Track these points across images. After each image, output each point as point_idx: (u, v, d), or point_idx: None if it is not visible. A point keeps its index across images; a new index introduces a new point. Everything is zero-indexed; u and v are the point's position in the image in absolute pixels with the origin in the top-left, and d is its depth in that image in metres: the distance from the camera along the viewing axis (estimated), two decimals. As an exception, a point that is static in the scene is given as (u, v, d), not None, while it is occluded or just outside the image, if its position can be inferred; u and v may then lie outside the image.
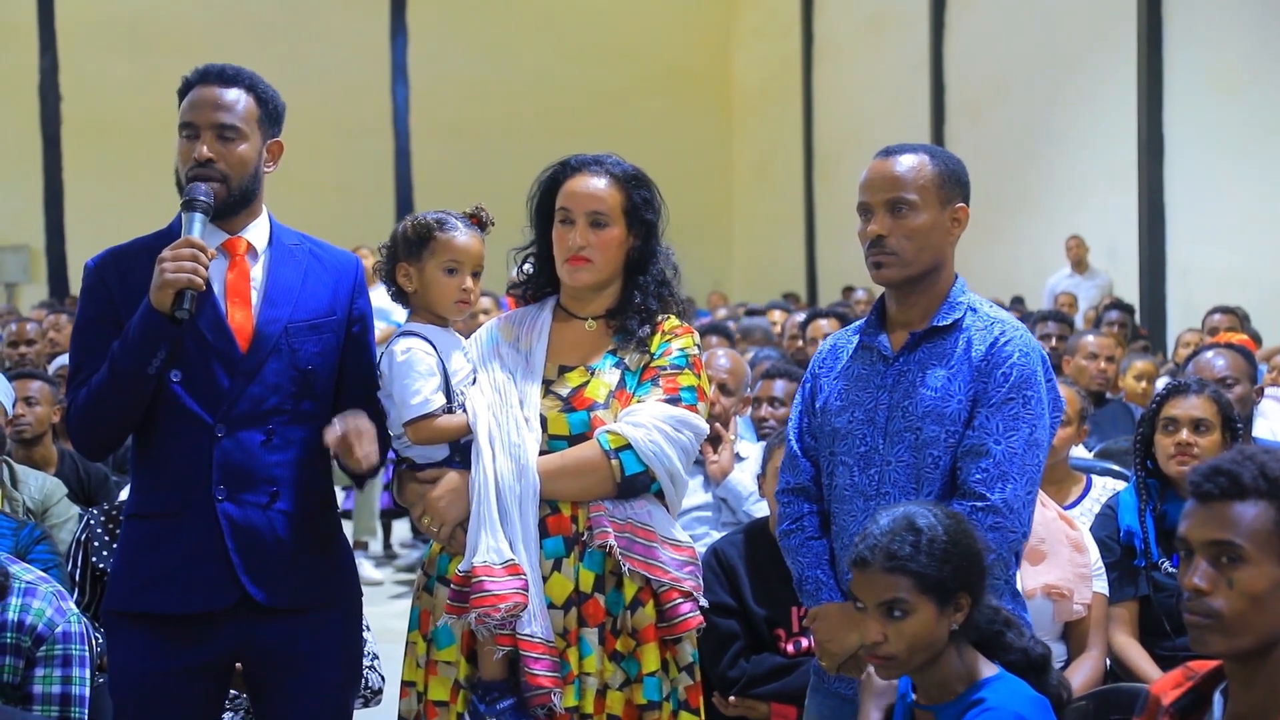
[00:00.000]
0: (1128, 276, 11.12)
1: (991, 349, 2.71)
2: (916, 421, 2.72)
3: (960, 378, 2.71)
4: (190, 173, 2.76)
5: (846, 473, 2.80)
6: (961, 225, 2.79)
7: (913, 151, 2.79)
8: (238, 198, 2.81)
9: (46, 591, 3.11)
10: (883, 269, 2.78)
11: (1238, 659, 2.00)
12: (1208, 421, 3.72)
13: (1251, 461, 2.00)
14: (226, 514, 2.75)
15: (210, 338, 2.75)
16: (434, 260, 2.93)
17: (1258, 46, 9.94)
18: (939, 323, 2.76)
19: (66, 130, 15.39)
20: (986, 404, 2.68)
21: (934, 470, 2.71)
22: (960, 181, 2.79)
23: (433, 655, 2.89)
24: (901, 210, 2.74)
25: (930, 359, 2.75)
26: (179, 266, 2.63)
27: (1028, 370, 2.69)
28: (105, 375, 2.72)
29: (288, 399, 2.80)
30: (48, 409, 4.88)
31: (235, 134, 2.78)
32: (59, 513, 4.43)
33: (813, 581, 2.85)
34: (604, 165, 2.96)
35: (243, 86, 2.81)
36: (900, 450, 2.74)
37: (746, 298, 14.96)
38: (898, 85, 14.90)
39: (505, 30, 17.20)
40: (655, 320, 2.97)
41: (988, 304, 2.83)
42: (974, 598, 2.39)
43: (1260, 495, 1.97)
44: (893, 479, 2.74)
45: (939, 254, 2.77)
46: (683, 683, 2.91)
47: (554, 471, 2.81)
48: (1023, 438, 2.66)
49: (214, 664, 2.81)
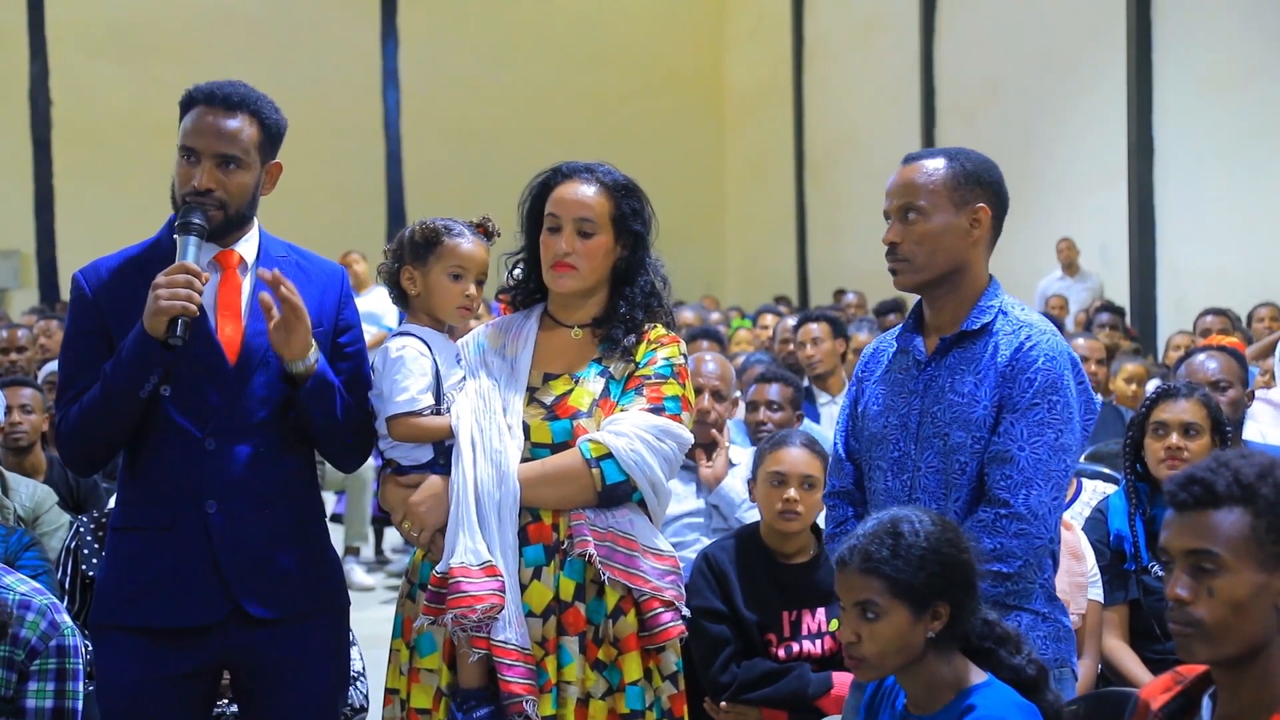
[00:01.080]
0: (1118, 278, 11.13)
1: (1017, 353, 2.69)
2: (945, 427, 2.72)
3: (987, 383, 2.70)
4: (187, 198, 2.75)
5: (882, 477, 2.81)
6: (983, 226, 2.76)
7: (933, 156, 2.79)
8: (233, 221, 2.81)
9: (41, 605, 3.10)
10: (897, 275, 2.80)
11: (1224, 665, 2.00)
12: (1197, 425, 3.73)
13: (1226, 468, 2.00)
14: (218, 527, 2.75)
15: (200, 352, 2.74)
16: (439, 265, 2.94)
17: (1247, 48, 9.96)
18: (968, 327, 2.75)
19: (57, 135, 15.37)
20: (1012, 409, 2.67)
21: (961, 476, 2.70)
22: (982, 182, 2.77)
23: (415, 663, 2.88)
24: (911, 216, 2.75)
25: (960, 364, 2.75)
26: (173, 294, 2.62)
27: (1054, 374, 2.67)
28: (97, 395, 2.72)
29: (276, 411, 2.80)
30: (40, 416, 4.87)
31: (236, 163, 2.76)
32: (49, 520, 4.43)
33: None
34: (595, 173, 2.96)
35: (247, 112, 2.78)
36: (930, 456, 2.74)
37: (739, 301, 14.98)
38: (889, 88, 14.91)
39: (496, 34, 17.19)
40: (641, 330, 2.96)
41: (1020, 306, 2.81)
42: (955, 608, 2.38)
43: (1235, 502, 1.97)
44: (923, 485, 2.74)
45: (957, 257, 2.75)
46: (666, 691, 2.90)
47: (534, 479, 2.81)
48: (1048, 443, 2.65)
49: (203, 671, 2.81)
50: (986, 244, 2.80)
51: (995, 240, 2.83)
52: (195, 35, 15.39)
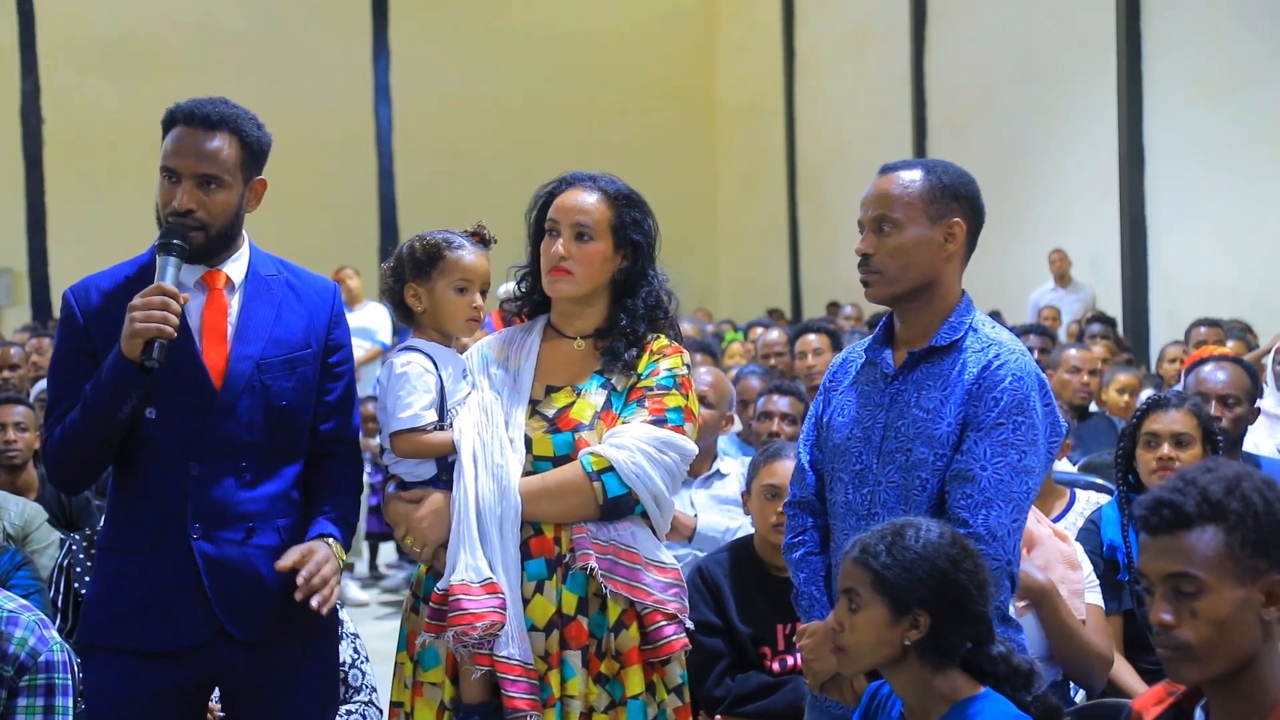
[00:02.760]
0: (1110, 289, 11.15)
1: (984, 372, 2.66)
2: (908, 443, 2.69)
3: (953, 400, 2.67)
4: (169, 218, 2.74)
5: (843, 489, 2.79)
6: (957, 240, 2.73)
7: (910, 167, 2.76)
8: (217, 241, 2.79)
9: (29, 620, 3.10)
10: (869, 287, 2.77)
11: (1215, 681, 2.00)
12: (1188, 435, 3.74)
13: (1193, 486, 1.99)
14: (202, 551, 2.73)
15: (185, 376, 2.73)
16: (444, 280, 2.94)
17: (1236, 56, 9.98)
18: (937, 343, 2.73)
19: (49, 153, 15.33)
20: (976, 428, 2.64)
21: (921, 493, 2.68)
22: (958, 195, 2.73)
23: (419, 677, 2.88)
24: (885, 228, 2.72)
25: (927, 379, 2.72)
26: (148, 316, 2.61)
27: (1021, 395, 2.64)
28: (77, 416, 2.71)
29: (262, 434, 2.78)
30: (33, 434, 4.87)
31: (217, 183, 2.75)
32: (40, 538, 4.41)
33: (807, 598, 2.85)
34: (597, 182, 2.97)
35: (227, 130, 2.76)
36: (891, 470, 2.71)
37: (731, 314, 14.97)
38: (880, 99, 14.94)
39: (488, 48, 17.20)
40: (642, 343, 2.96)
41: (991, 325, 2.78)
42: (937, 621, 2.38)
43: (1207, 520, 1.96)
44: (883, 499, 2.71)
45: (929, 271, 2.73)
46: (671, 704, 2.90)
47: (536, 493, 2.81)
48: (1010, 464, 2.62)
49: (190, 688, 2.80)
50: (960, 259, 2.77)
51: (970, 255, 2.80)
52: (187, 52, 15.38)
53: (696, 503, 4.41)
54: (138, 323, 2.61)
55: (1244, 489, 1.97)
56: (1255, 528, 1.95)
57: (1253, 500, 1.96)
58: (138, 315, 2.61)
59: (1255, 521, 1.95)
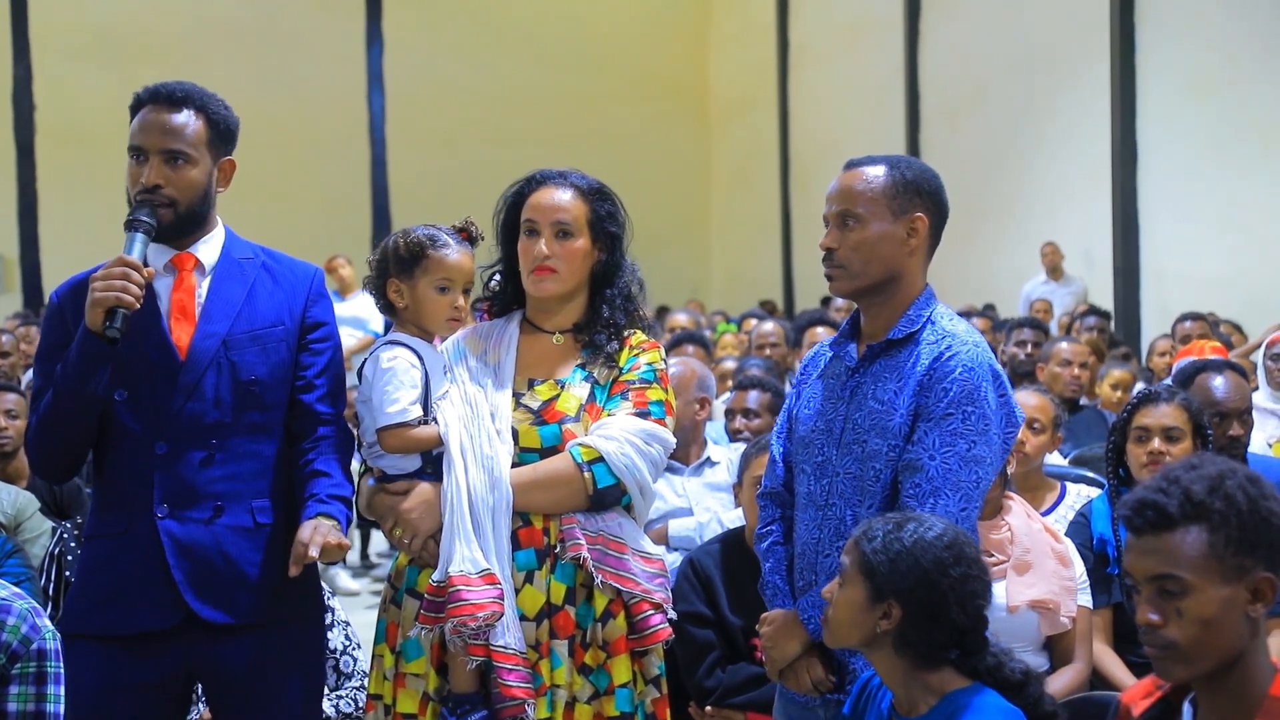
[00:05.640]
0: (1102, 282, 11.16)
1: (935, 362, 2.68)
2: (864, 434, 2.72)
3: (906, 391, 2.69)
4: (138, 197, 2.75)
5: (805, 480, 2.83)
6: (919, 236, 2.75)
7: (874, 163, 2.78)
8: (186, 220, 2.79)
9: (21, 609, 3.10)
10: (833, 282, 2.81)
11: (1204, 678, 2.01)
12: (1179, 430, 3.74)
13: (1176, 486, 1.99)
14: (168, 530, 2.72)
15: (154, 356, 2.73)
16: (426, 279, 2.94)
17: (1230, 51, 9.99)
18: (894, 336, 2.75)
19: (40, 140, 15.29)
20: (926, 418, 2.66)
21: (875, 483, 2.70)
22: (921, 191, 2.75)
23: (401, 668, 2.88)
24: (849, 223, 2.75)
25: (884, 372, 2.74)
26: (108, 285, 2.61)
27: (971, 385, 2.65)
28: (49, 398, 2.71)
29: (230, 412, 2.77)
30: (24, 422, 4.85)
31: (184, 159, 2.76)
32: (32, 527, 4.41)
33: (771, 587, 2.88)
34: (568, 179, 2.99)
35: (192, 108, 2.78)
36: (848, 462, 2.74)
37: (724, 305, 14.98)
38: (874, 92, 14.94)
39: (482, 38, 17.18)
40: (623, 334, 2.99)
41: (949, 317, 2.79)
42: (906, 614, 2.39)
43: (1190, 520, 1.97)
44: (840, 490, 2.74)
45: (892, 266, 2.75)
46: (650, 695, 2.93)
47: (526, 484, 2.82)
48: (959, 454, 2.63)
49: (169, 682, 2.77)
50: (924, 253, 2.79)
51: (934, 249, 2.82)
52: (180, 40, 15.33)
53: (689, 491, 4.42)
54: (97, 292, 2.61)
55: (1227, 487, 1.98)
56: (1239, 526, 1.96)
57: (1236, 498, 1.97)
58: (98, 285, 2.62)
59: (1239, 520, 1.96)
